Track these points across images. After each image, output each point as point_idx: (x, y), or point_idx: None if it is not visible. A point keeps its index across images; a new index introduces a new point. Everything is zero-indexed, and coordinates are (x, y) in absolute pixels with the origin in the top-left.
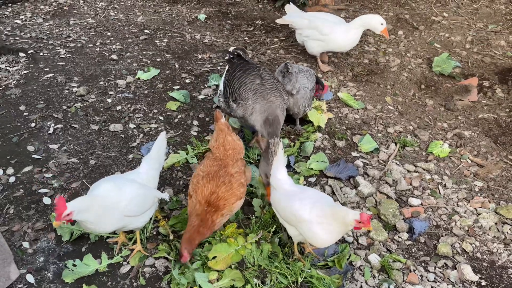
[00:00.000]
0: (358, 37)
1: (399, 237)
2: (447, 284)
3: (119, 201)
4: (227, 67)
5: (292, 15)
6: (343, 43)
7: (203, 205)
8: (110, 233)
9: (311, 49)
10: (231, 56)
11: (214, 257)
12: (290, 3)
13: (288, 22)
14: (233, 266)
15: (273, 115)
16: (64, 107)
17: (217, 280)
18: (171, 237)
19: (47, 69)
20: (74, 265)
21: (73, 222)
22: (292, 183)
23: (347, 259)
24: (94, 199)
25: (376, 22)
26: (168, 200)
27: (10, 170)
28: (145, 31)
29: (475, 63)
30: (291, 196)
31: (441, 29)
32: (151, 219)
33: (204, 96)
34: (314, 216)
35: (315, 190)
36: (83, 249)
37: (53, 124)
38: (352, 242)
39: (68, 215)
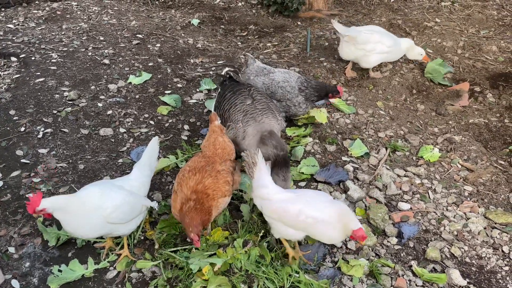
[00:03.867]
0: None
1: (388, 241)
2: None
3: (104, 208)
4: (219, 90)
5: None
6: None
7: (190, 194)
8: (97, 238)
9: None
10: (224, 80)
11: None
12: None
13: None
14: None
15: (267, 131)
16: (55, 112)
17: None
18: (157, 246)
19: (39, 73)
20: (60, 271)
21: (59, 227)
22: (282, 190)
23: (336, 264)
24: (73, 199)
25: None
26: (157, 208)
27: None
28: (138, 35)
29: (467, 68)
30: (299, 201)
31: (433, 35)
32: (139, 226)
33: (195, 101)
34: (327, 216)
35: (309, 190)
36: (69, 254)
37: (42, 129)
38: (341, 247)
39: (41, 210)
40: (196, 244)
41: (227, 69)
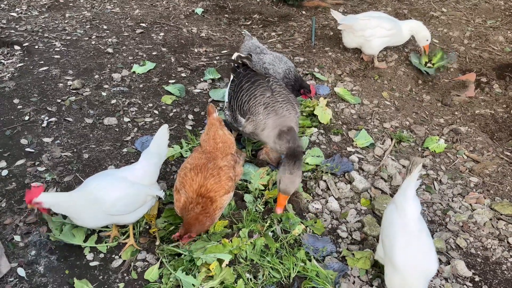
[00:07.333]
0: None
1: None
2: (441, 280)
3: (103, 201)
4: (231, 77)
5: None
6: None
7: (197, 198)
8: (102, 228)
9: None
10: (236, 65)
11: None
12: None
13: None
14: None
15: (287, 126)
16: (59, 101)
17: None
18: (158, 242)
19: (42, 62)
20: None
21: (64, 215)
22: (417, 216)
23: (340, 254)
24: (72, 197)
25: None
26: (163, 198)
27: (2, 164)
28: (141, 24)
29: (473, 59)
30: (403, 235)
31: (440, 25)
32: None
33: (199, 90)
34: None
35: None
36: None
37: (47, 118)
38: (346, 237)
39: (37, 203)
40: (184, 240)
41: (237, 54)
